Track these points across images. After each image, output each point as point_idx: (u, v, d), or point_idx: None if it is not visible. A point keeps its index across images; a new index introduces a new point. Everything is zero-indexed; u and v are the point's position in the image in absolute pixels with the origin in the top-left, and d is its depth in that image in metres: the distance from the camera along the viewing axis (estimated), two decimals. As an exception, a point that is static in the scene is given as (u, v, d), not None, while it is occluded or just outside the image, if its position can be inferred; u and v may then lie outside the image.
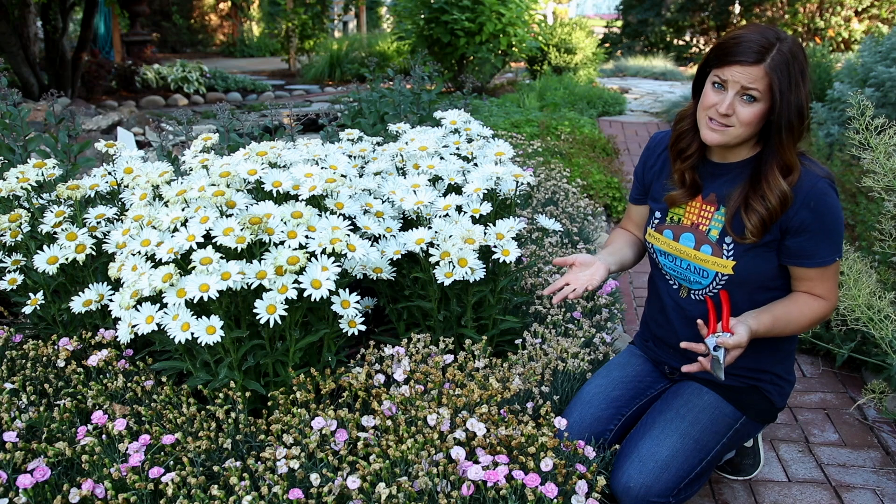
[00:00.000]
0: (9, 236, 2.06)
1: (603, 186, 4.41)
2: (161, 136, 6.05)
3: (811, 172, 1.60)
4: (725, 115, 1.56)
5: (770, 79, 1.50)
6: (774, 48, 1.51)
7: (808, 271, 1.65)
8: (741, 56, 1.52)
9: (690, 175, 1.73)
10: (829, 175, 1.61)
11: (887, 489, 1.99)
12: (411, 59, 5.46)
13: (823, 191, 1.58)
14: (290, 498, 1.42)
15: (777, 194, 1.58)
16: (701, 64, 1.65)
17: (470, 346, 1.96)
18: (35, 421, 1.70)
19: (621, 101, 7.87)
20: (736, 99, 1.55)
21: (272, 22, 14.16)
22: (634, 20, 15.26)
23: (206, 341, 1.65)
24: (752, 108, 1.54)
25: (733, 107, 1.55)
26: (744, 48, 1.52)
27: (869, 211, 3.00)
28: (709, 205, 1.72)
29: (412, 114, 3.96)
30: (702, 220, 1.73)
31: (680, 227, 1.76)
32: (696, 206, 1.74)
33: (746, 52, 1.51)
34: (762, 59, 1.51)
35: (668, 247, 1.78)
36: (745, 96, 1.54)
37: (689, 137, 1.72)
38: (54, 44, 8.12)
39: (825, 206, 1.58)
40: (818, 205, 1.58)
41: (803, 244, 1.62)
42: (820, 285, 1.66)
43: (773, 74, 1.50)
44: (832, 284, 1.67)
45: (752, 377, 1.77)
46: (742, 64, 1.52)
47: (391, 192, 2.12)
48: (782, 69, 1.50)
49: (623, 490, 1.66)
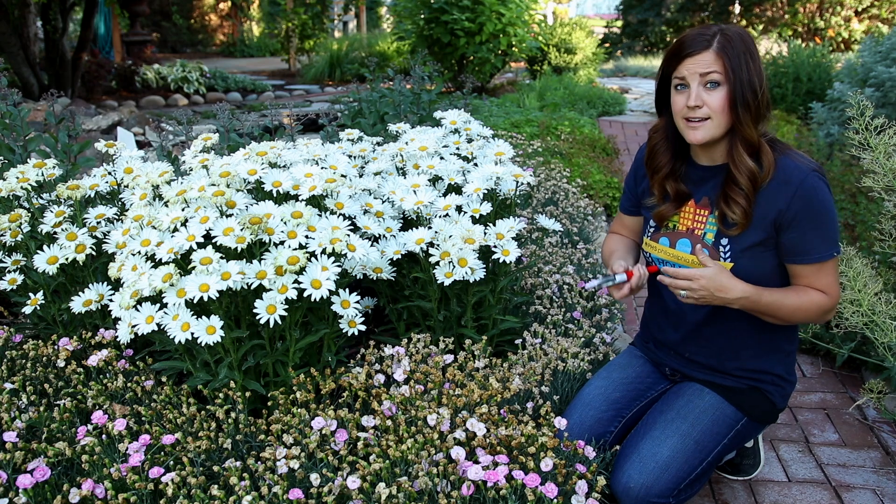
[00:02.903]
0: (9, 236, 2.06)
1: (603, 186, 4.42)
2: (161, 136, 6.05)
3: (800, 166, 1.60)
4: (697, 106, 1.59)
5: (723, 59, 1.56)
6: (718, 34, 1.58)
7: (805, 268, 1.64)
8: (690, 48, 1.59)
9: (672, 186, 1.74)
10: (818, 168, 1.61)
11: (887, 489, 1.99)
12: (411, 59, 5.46)
13: (814, 184, 1.59)
14: (290, 498, 1.42)
15: (745, 173, 1.61)
16: (658, 79, 1.70)
17: (470, 346, 1.96)
18: (35, 421, 1.70)
19: (621, 101, 7.87)
20: (700, 90, 1.59)
21: (272, 22, 14.17)
22: (634, 20, 15.27)
23: (206, 341, 1.65)
24: (717, 93, 1.58)
25: (700, 97, 1.59)
26: (690, 41, 1.60)
27: (869, 211, 3.00)
28: (702, 209, 1.72)
29: (412, 114, 3.96)
30: (697, 225, 1.73)
31: (676, 233, 1.76)
32: (689, 211, 1.74)
33: (693, 43, 1.59)
34: (710, 45, 1.57)
35: (665, 254, 1.78)
36: (708, 84, 1.58)
37: (663, 150, 1.76)
38: (54, 44, 8.12)
39: (817, 199, 1.59)
40: (810, 199, 1.58)
41: (797, 240, 1.62)
42: (819, 281, 1.64)
43: (724, 54, 1.56)
44: (832, 280, 1.65)
45: (754, 378, 1.77)
46: (692, 55, 1.58)
47: (391, 192, 2.12)
48: (730, 49, 1.56)
49: (623, 490, 1.66)
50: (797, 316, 1.67)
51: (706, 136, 1.62)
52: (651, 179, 1.79)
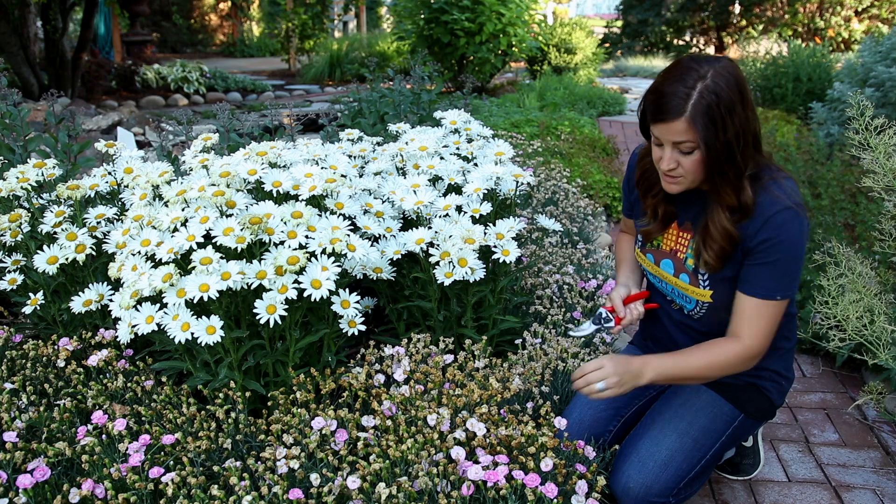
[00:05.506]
0: (9, 236, 2.06)
1: (603, 186, 4.42)
2: (161, 136, 6.05)
3: (775, 201, 1.53)
4: (671, 169, 1.54)
5: (695, 129, 1.45)
6: (695, 93, 1.44)
7: (743, 301, 1.58)
8: (662, 114, 1.48)
9: (663, 208, 1.71)
10: (795, 204, 1.52)
11: (887, 489, 1.99)
12: (411, 59, 5.46)
13: (783, 219, 1.52)
14: (290, 498, 1.42)
15: (720, 232, 1.56)
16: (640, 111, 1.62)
17: (470, 346, 1.96)
18: (35, 421, 1.70)
19: (621, 101, 7.87)
20: (675, 153, 1.52)
21: (272, 22, 14.17)
22: (634, 20, 15.27)
23: (206, 341, 1.65)
24: (692, 158, 1.51)
25: (675, 160, 1.52)
26: (663, 105, 1.48)
27: (869, 211, 3.01)
28: (685, 231, 1.71)
29: (412, 114, 3.96)
30: (679, 247, 1.72)
31: (660, 252, 1.76)
32: (673, 232, 1.73)
33: (665, 109, 1.47)
34: (682, 112, 1.45)
35: (652, 269, 1.79)
36: (680, 150, 1.51)
37: (655, 174, 1.68)
38: (54, 44, 8.12)
39: (781, 235, 1.52)
40: (775, 233, 1.52)
41: (750, 269, 1.57)
42: (749, 324, 1.58)
43: (696, 124, 1.45)
44: (762, 327, 1.58)
45: (752, 375, 1.77)
46: (664, 122, 1.48)
47: (391, 192, 2.12)
48: (705, 116, 1.44)
49: (623, 490, 1.66)
50: (712, 372, 1.63)
51: (681, 190, 1.60)
52: (644, 200, 1.76)
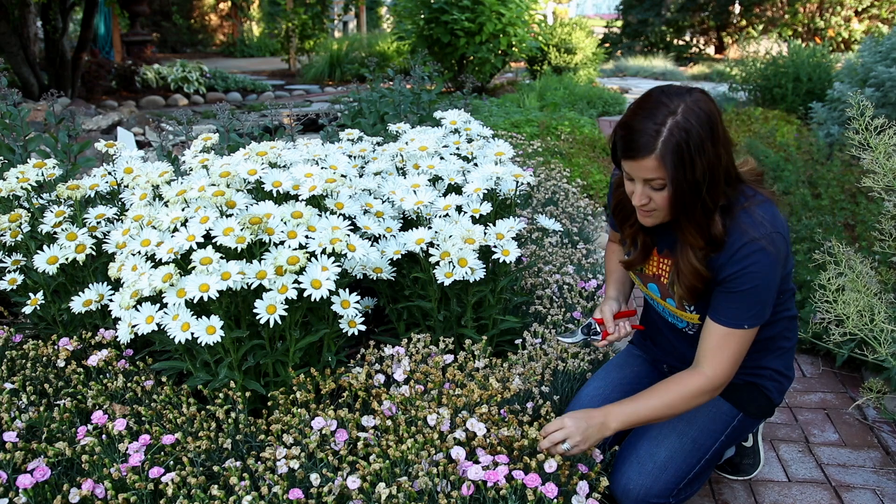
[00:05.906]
0: (9, 236, 2.06)
1: (603, 186, 4.41)
2: (161, 136, 6.06)
3: (745, 232, 1.51)
4: (644, 204, 1.54)
5: (664, 167, 1.44)
6: (664, 130, 1.42)
7: (711, 327, 1.58)
8: (632, 152, 1.47)
9: (641, 237, 1.71)
10: (764, 235, 1.51)
11: (887, 489, 1.99)
12: (411, 59, 5.47)
13: (748, 253, 1.50)
14: (290, 498, 1.42)
15: (689, 270, 1.57)
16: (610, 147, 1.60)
17: (470, 346, 1.96)
18: (35, 421, 1.70)
19: (621, 101, 7.88)
20: (646, 188, 1.51)
21: (272, 22, 14.18)
22: (634, 20, 15.27)
23: (206, 341, 1.65)
24: (662, 194, 1.50)
25: (647, 195, 1.52)
26: (632, 142, 1.46)
27: (869, 211, 3.01)
28: (665, 258, 1.71)
29: (412, 114, 3.96)
30: (662, 273, 1.72)
31: (644, 275, 1.77)
32: (654, 259, 1.74)
33: (635, 147, 1.45)
34: (652, 150, 1.43)
35: (641, 287, 1.81)
36: (651, 186, 1.50)
37: (631, 205, 1.64)
38: (54, 44, 8.12)
39: (749, 269, 1.52)
40: (741, 266, 1.52)
41: (718, 296, 1.57)
42: (712, 354, 1.58)
43: (665, 162, 1.43)
44: (726, 358, 1.57)
45: (752, 373, 1.77)
46: (634, 159, 1.47)
47: (391, 192, 2.12)
48: (674, 155, 1.42)
49: (622, 492, 1.66)
50: (677, 410, 1.62)
51: (655, 223, 1.59)
52: (620, 228, 1.76)
